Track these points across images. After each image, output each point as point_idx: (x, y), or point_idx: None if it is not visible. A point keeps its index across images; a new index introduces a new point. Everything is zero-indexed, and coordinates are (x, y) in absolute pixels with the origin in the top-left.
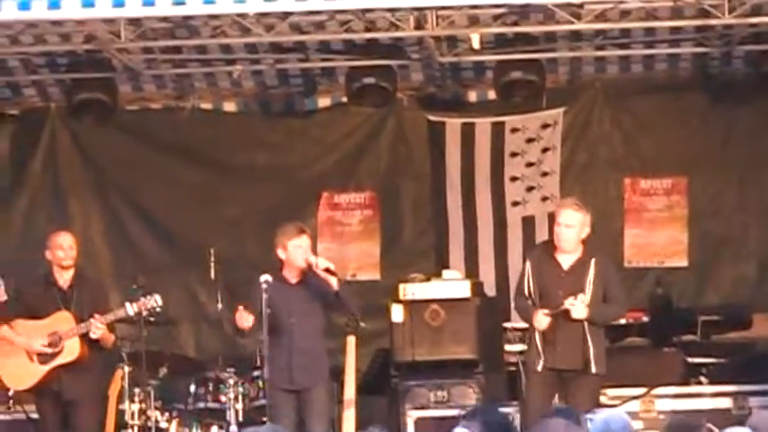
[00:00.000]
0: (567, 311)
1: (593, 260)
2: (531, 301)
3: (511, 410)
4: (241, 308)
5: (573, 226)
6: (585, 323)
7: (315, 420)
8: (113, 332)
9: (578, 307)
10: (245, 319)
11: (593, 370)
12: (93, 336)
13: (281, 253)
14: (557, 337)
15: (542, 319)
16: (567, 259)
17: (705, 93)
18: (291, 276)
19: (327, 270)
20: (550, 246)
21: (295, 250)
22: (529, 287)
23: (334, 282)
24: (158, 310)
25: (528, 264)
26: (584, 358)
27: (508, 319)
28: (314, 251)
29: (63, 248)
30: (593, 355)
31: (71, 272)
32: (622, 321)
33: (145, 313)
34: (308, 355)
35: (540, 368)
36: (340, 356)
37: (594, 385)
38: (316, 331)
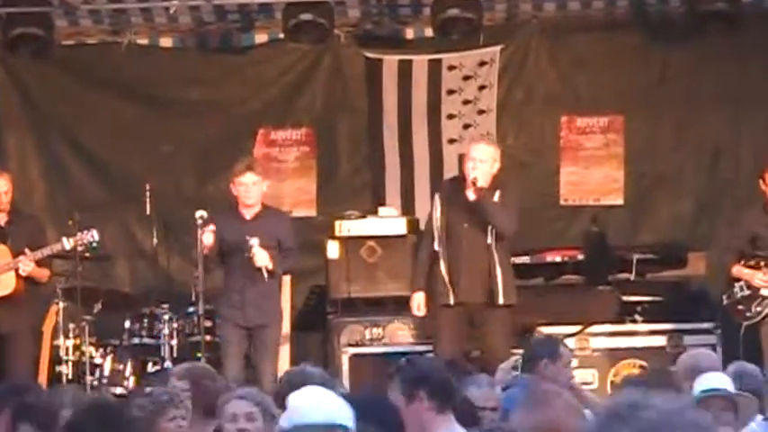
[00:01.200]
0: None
1: (497, 191)
2: (436, 237)
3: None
4: (207, 228)
5: (485, 161)
6: (494, 255)
7: (265, 361)
8: (49, 267)
9: (473, 172)
10: (206, 236)
11: (500, 301)
12: (22, 273)
13: (232, 189)
14: (461, 269)
15: (414, 305)
16: (472, 194)
17: (642, 31)
18: (246, 213)
19: (265, 268)
20: (460, 180)
21: (238, 187)
22: (437, 222)
23: (270, 266)
24: (95, 245)
25: (437, 198)
26: (490, 289)
27: None
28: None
29: None
30: (500, 286)
31: (7, 208)
32: (557, 259)
33: (81, 248)
34: (263, 293)
35: (451, 301)
36: None
37: (505, 318)
38: (269, 267)
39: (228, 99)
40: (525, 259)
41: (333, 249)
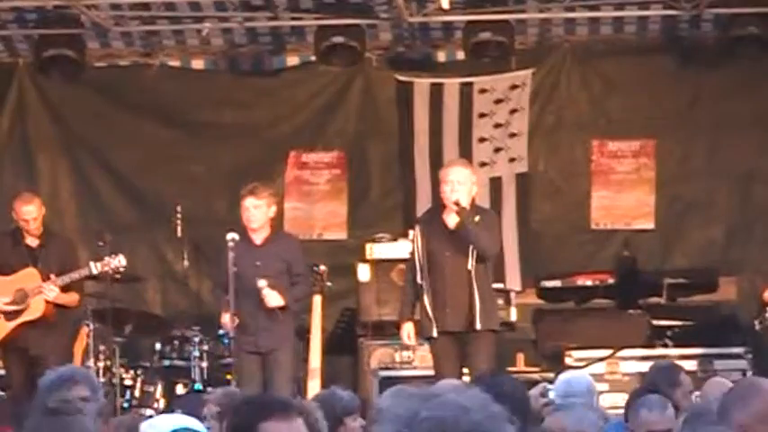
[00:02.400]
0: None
1: (477, 216)
2: (419, 270)
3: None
4: (228, 314)
5: (463, 183)
6: (473, 281)
7: (279, 381)
8: (80, 290)
9: (454, 194)
10: (228, 323)
11: (478, 326)
12: (47, 299)
13: (242, 213)
14: (446, 300)
15: (404, 334)
16: (453, 220)
17: (674, 55)
18: (256, 237)
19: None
20: (438, 209)
21: (243, 212)
22: (418, 254)
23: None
24: (122, 269)
25: (416, 230)
26: (471, 316)
27: None
28: (279, 211)
29: (26, 220)
30: (478, 312)
31: (37, 233)
32: (588, 283)
33: (109, 272)
34: (273, 318)
35: (435, 334)
36: (305, 316)
37: (486, 343)
38: (282, 293)
39: (260, 121)
40: (556, 283)
41: (363, 272)
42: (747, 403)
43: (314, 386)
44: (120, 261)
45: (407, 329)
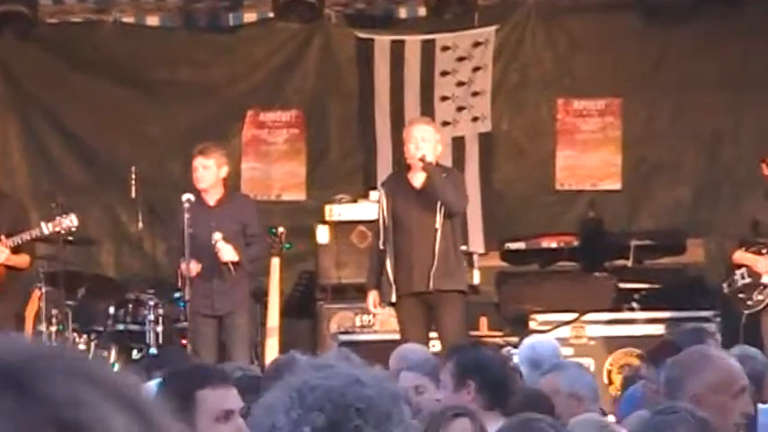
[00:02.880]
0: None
1: (443, 174)
2: (382, 233)
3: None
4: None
5: (428, 140)
6: (437, 238)
7: (237, 346)
8: (31, 252)
9: (419, 151)
10: (189, 268)
11: (430, 286)
12: None
13: (193, 173)
14: (413, 261)
15: (370, 302)
16: (419, 179)
17: (640, 13)
18: (209, 198)
19: (227, 263)
20: (403, 170)
21: (193, 173)
22: (383, 216)
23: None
24: (74, 229)
25: (381, 193)
26: (428, 275)
27: None
28: (236, 172)
29: None
30: (434, 269)
31: None
32: (553, 245)
33: (61, 232)
34: (229, 279)
35: (393, 299)
36: (263, 279)
37: (453, 304)
38: (239, 255)
39: (216, 80)
40: (520, 245)
41: (323, 234)
42: (700, 374)
43: (272, 347)
44: (71, 221)
45: (372, 297)
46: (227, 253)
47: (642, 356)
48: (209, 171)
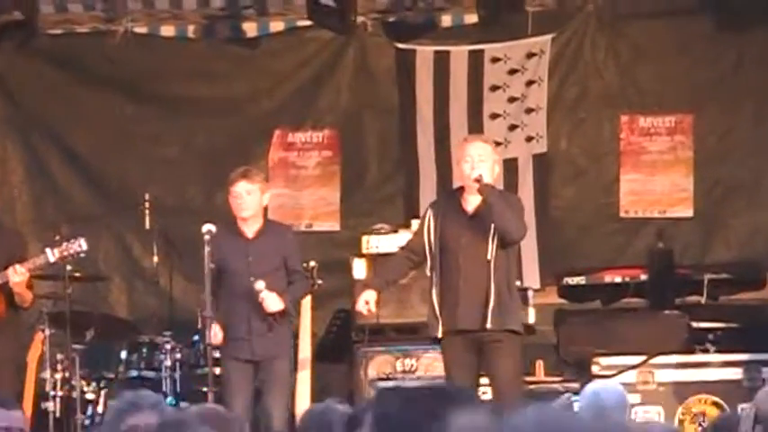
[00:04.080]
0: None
1: (501, 198)
2: (429, 260)
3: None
4: (215, 325)
5: (485, 160)
6: (491, 271)
7: (275, 395)
8: (31, 289)
9: (476, 170)
10: (214, 334)
11: (488, 326)
12: (14, 280)
13: (230, 201)
14: (459, 295)
15: (361, 299)
16: (473, 202)
17: (711, 16)
18: (247, 229)
19: (273, 313)
20: (456, 192)
21: (233, 200)
22: (429, 240)
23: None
24: (83, 255)
25: (429, 214)
26: (483, 313)
27: None
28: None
29: None
30: (491, 308)
31: None
32: (617, 279)
33: (68, 259)
34: (270, 321)
35: (439, 334)
36: (294, 318)
37: (509, 346)
38: (278, 292)
39: (239, 96)
40: (581, 280)
41: (359, 268)
42: None
43: (303, 395)
44: (80, 245)
45: (366, 297)
46: (273, 303)
47: (718, 404)
48: (252, 197)
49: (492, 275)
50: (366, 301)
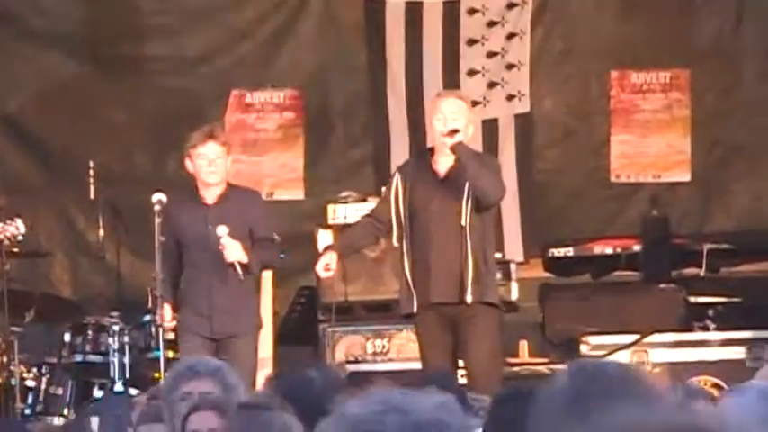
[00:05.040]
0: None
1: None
2: (396, 229)
3: None
4: (166, 305)
5: (459, 118)
6: (467, 238)
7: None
8: None
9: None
10: (163, 317)
11: (468, 299)
12: None
13: (188, 165)
14: (430, 266)
15: (323, 264)
16: (444, 164)
17: None
18: (207, 195)
19: (232, 264)
20: (426, 154)
21: (198, 163)
22: (397, 207)
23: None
24: (20, 238)
25: (397, 178)
26: (462, 286)
27: None
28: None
29: None
30: (470, 279)
31: None
32: (608, 251)
33: (3, 241)
34: (233, 296)
35: (414, 308)
36: None
37: (488, 321)
38: (240, 264)
39: (192, 54)
40: (568, 251)
41: (325, 241)
42: None
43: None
44: (17, 227)
45: (326, 259)
46: (235, 251)
47: (719, 385)
48: (221, 161)
49: (467, 243)
50: (326, 265)
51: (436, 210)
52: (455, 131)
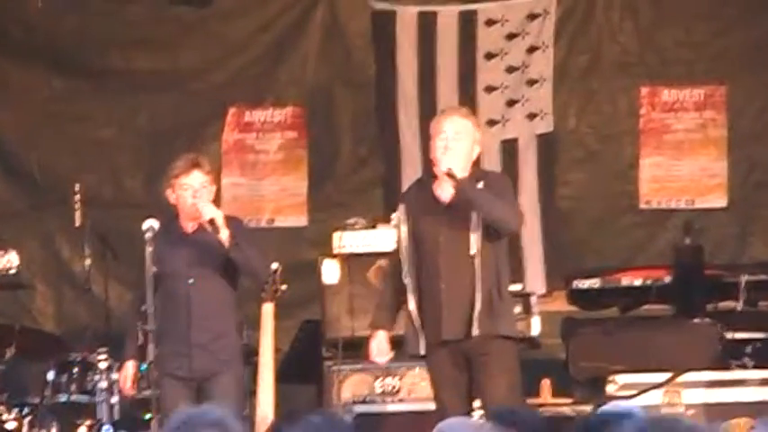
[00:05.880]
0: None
1: (480, 184)
2: (405, 267)
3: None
4: (129, 364)
5: (460, 138)
6: (475, 269)
7: None
8: None
9: (446, 158)
10: (125, 379)
11: (474, 332)
12: None
13: (169, 195)
14: (441, 301)
15: (374, 349)
16: (448, 189)
17: None
18: (187, 225)
19: (212, 222)
20: (428, 179)
21: (181, 193)
22: (403, 242)
23: (224, 237)
24: (13, 272)
25: (400, 209)
26: (468, 320)
27: None
28: (217, 192)
29: None
30: (477, 311)
31: None
32: (637, 282)
33: None
34: (212, 331)
35: (422, 351)
36: (251, 333)
37: (503, 356)
38: (221, 297)
39: (186, 67)
40: (594, 283)
41: (330, 271)
42: None
43: (265, 423)
44: (10, 261)
45: (379, 340)
46: (209, 209)
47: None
48: (206, 191)
49: (477, 272)
50: (378, 349)
51: (444, 241)
52: (451, 175)
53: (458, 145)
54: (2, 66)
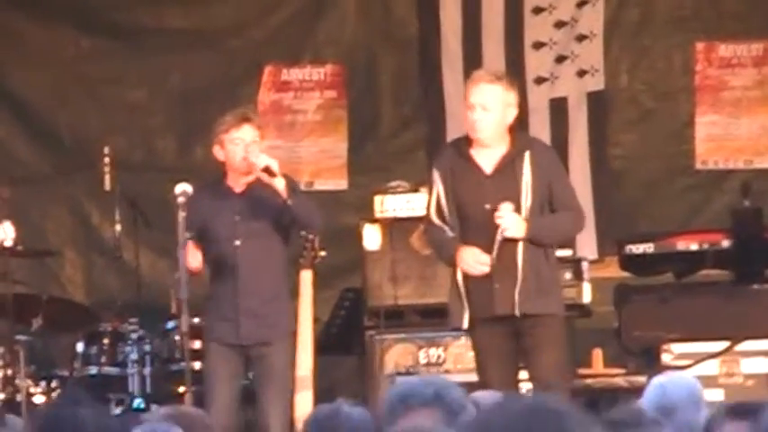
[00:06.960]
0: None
1: (527, 153)
2: (448, 229)
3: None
4: (190, 243)
5: (490, 108)
6: (519, 246)
7: (272, 398)
8: None
9: (507, 219)
10: (192, 257)
11: (517, 311)
12: None
13: (217, 152)
14: (489, 274)
15: (472, 261)
16: (488, 157)
17: None
18: (235, 184)
19: (267, 170)
20: (465, 143)
21: (230, 146)
22: (441, 208)
23: (280, 186)
24: (8, 243)
25: (436, 174)
26: (519, 295)
27: None
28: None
29: None
30: (518, 289)
31: None
32: (693, 247)
33: None
34: (261, 296)
35: (465, 323)
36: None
37: (552, 333)
38: (272, 260)
39: (220, 26)
40: (648, 247)
41: (372, 237)
42: None
43: (304, 396)
44: (4, 231)
45: (471, 254)
46: (264, 157)
47: None
48: (257, 146)
49: (521, 248)
50: (474, 259)
51: (490, 211)
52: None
53: (487, 116)
54: (28, 25)
